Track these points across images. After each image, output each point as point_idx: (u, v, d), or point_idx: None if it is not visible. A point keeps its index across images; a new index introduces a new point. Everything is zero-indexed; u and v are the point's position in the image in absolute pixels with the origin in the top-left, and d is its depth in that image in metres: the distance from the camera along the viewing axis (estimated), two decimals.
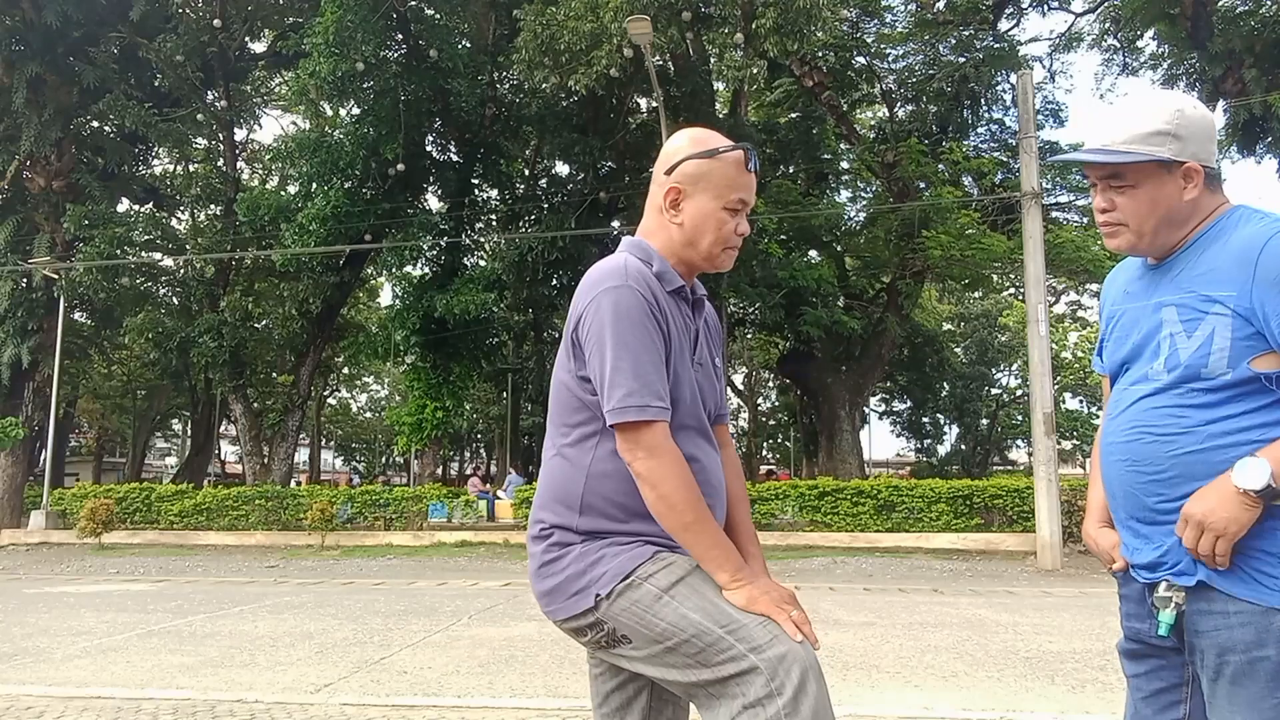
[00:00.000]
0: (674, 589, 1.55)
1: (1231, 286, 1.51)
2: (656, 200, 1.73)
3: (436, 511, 17.21)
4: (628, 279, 1.60)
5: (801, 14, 13.63)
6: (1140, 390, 1.62)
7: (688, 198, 1.69)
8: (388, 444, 46.69)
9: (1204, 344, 1.52)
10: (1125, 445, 1.63)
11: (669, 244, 1.71)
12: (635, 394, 1.54)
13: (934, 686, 4.88)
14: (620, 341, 1.56)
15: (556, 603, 1.63)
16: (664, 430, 1.55)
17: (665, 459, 1.54)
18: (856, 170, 24.17)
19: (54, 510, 18.72)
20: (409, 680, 5.11)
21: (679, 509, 1.53)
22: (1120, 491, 1.66)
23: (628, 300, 1.58)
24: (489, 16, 19.13)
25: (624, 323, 1.56)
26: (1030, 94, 13.97)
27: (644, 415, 1.53)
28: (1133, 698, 1.73)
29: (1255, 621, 1.46)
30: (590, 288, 1.63)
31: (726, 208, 1.69)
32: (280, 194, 20.91)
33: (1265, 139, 19.83)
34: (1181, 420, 1.54)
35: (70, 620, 7.75)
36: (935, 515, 14.75)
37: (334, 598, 9.23)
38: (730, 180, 1.68)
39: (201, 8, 21.73)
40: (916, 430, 38.06)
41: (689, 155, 1.69)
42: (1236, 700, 1.48)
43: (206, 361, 20.31)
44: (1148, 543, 1.61)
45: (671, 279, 1.68)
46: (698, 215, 1.68)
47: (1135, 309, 1.68)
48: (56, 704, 4.55)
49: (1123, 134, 1.57)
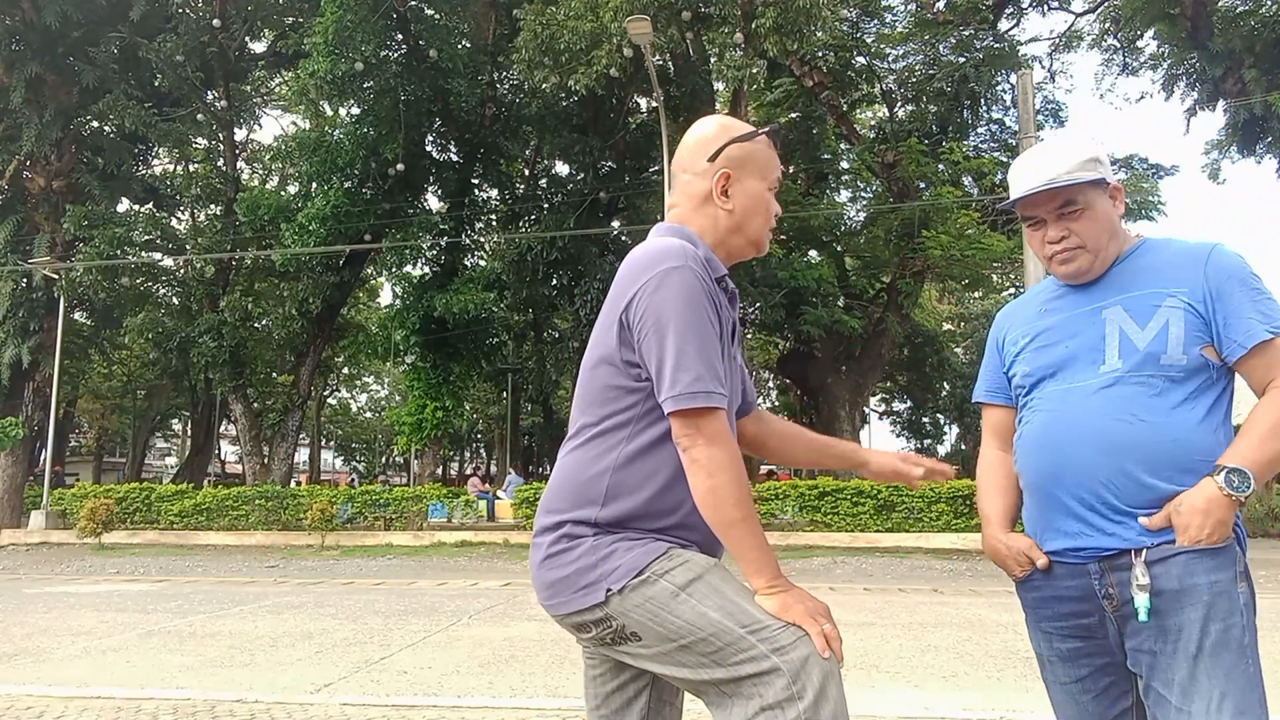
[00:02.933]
0: (691, 586, 1.51)
1: (1183, 284, 1.66)
2: (698, 189, 1.69)
3: (436, 511, 17.21)
4: (688, 260, 1.54)
5: (801, 14, 13.64)
6: (1093, 384, 1.68)
7: (736, 182, 1.68)
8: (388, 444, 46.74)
9: (1160, 332, 1.64)
10: (1089, 431, 1.66)
11: (714, 231, 1.68)
12: (702, 379, 1.48)
13: (934, 686, 4.88)
14: (685, 324, 1.50)
15: (562, 595, 1.58)
16: (725, 419, 1.51)
17: (725, 450, 1.49)
18: (856, 170, 24.17)
19: (54, 510, 18.72)
20: (409, 680, 5.11)
21: (729, 503, 1.48)
22: (1075, 475, 1.67)
23: (690, 282, 1.52)
24: (489, 16, 19.13)
25: (687, 305, 1.50)
26: (1030, 94, 13.98)
27: (710, 402, 1.48)
28: (1078, 700, 1.75)
29: (1229, 590, 1.57)
30: (645, 268, 1.55)
31: (770, 188, 1.71)
32: (280, 194, 20.92)
33: (1265, 139, 19.82)
34: (1159, 403, 1.63)
35: (70, 620, 7.75)
36: (935, 515, 14.75)
37: (334, 598, 9.23)
38: (769, 160, 1.71)
39: (201, 8, 21.73)
40: (916, 430, 38.07)
41: (730, 139, 1.68)
42: (1216, 671, 1.54)
43: (206, 361, 20.31)
44: (1103, 526, 1.64)
45: (718, 267, 1.65)
46: (748, 199, 1.68)
47: (1067, 319, 1.76)
48: (56, 704, 4.55)
49: (1064, 167, 1.72)
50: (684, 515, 1.58)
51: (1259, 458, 1.56)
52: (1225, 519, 1.55)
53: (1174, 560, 1.58)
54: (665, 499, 1.57)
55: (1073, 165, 1.72)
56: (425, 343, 19.14)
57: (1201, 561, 1.57)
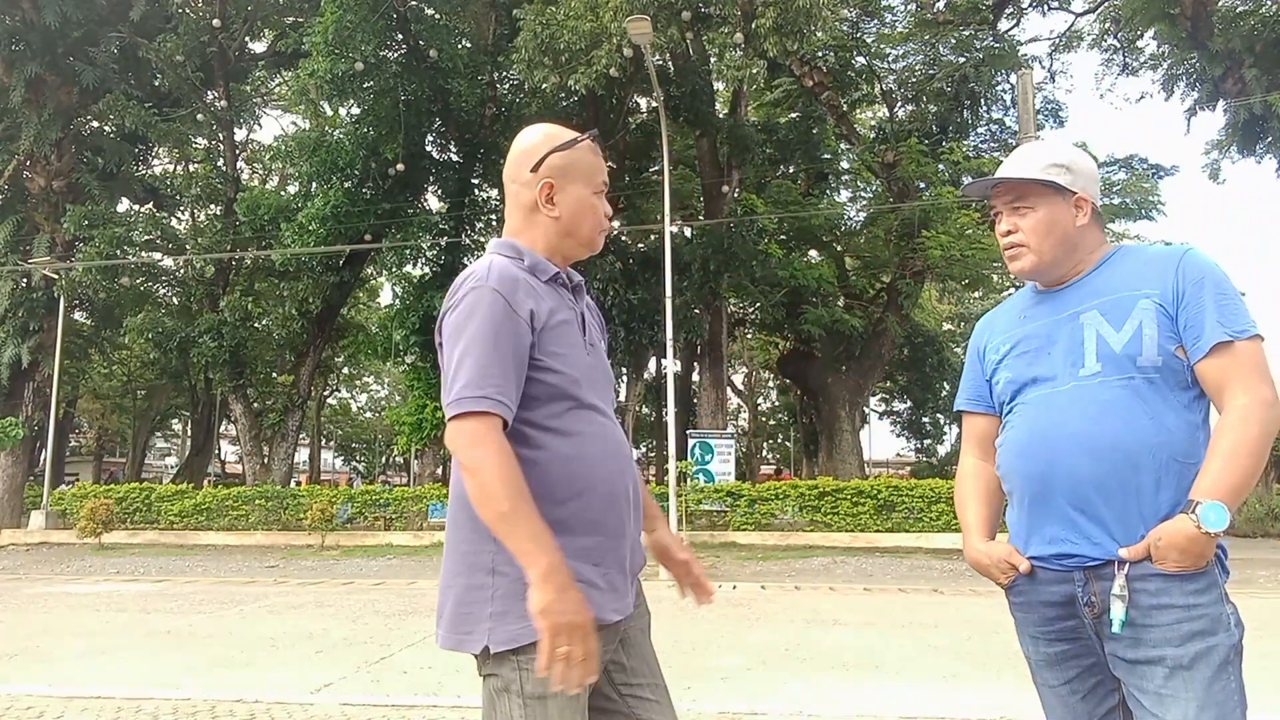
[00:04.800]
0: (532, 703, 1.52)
1: (1155, 286, 1.68)
2: (525, 199, 1.73)
3: (436, 511, 17.20)
4: (488, 279, 1.60)
5: (801, 14, 13.62)
6: (1074, 388, 1.70)
7: (560, 190, 1.72)
8: (388, 444, 46.69)
9: (1135, 333, 1.66)
10: (1075, 433, 1.67)
11: (545, 238, 1.73)
12: (469, 385, 1.53)
13: (934, 686, 4.89)
14: (468, 338, 1.56)
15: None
16: (494, 424, 1.52)
17: (489, 449, 1.50)
18: (856, 170, 24.17)
19: (54, 510, 18.72)
20: (409, 680, 5.11)
21: (496, 497, 1.48)
22: (1065, 479, 1.67)
23: (485, 300, 1.58)
24: (489, 16, 19.11)
25: (474, 321, 1.57)
26: (1030, 94, 13.97)
27: (478, 406, 1.51)
28: (1067, 701, 1.75)
29: (1210, 612, 1.58)
30: (452, 292, 1.65)
31: (595, 192, 1.75)
32: (280, 194, 20.92)
33: (1265, 139, 19.82)
34: (1137, 405, 1.64)
35: (70, 620, 7.75)
36: (935, 515, 14.74)
37: (334, 598, 9.23)
38: (593, 165, 1.75)
39: (201, 8, 21.72)
40: (916, 430, 38.02)
41: (550, 149, 1.72)
42: (1192, 688, 1.56)
43: (206, 361, 20.30)
44: (1090, 534, 1.65)
45: (545, 268, 1.70)
46: (574, 204, 1.73)
47: (1046, 325, 1.78)
48: (56, 704, 4.56)
49: (1026, 164, 1.80)
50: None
51: (1230, 483, 1.55)
52: (1205, 553, 1.57)
53: (1153, 579, 1.60)
54: None
55: (1036, 166, 1.79)
56: (425, 343, 19.11)
57: (1180, 584, 1.58)
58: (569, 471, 1.59)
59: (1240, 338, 1.62)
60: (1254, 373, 1.61)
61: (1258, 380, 1.61)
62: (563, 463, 1.59)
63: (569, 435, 1.61)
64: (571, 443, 1.61)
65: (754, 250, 18.52)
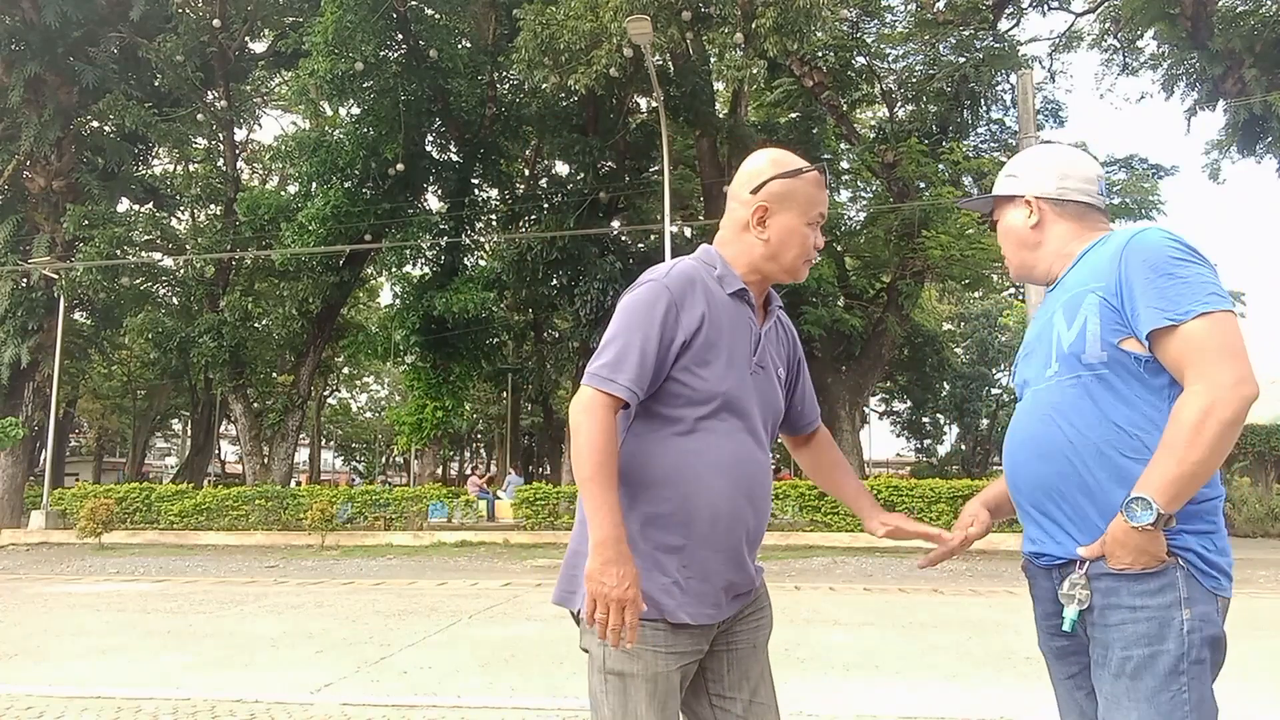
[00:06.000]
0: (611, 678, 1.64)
1: (1102, 278, 1.65)
2: (740, 217, 1.81)
3: (436, 511, 17.21)
4: (666, 277, 1.71)
5: (801, 14, 13.62)
6: (1039, 390, 1.74)
7: (773, 215, 1.79)
8: (388, 444, 46.70)
9: (1080, 331, 1.66)
10: (1028, 437, 1.73)
11: (748, 256, 1.81)
12: (608, 366, 1.65)
13: (934, 686, 4.88)
14: (625, 323, 1.68)
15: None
16: (611, 404, 1.64)
17: (597, 422, 1.62)
18: (856, 170, 24.14)
19: (54, 510, 18.71)
20: (409, 680, 5.11)
21: (583, 463, 1.60)
22: (1025, 482, 1.73)
23: (654, 294, 1.69)
24: (489, 16, 19.11)
25: (637, 309, 1.68)
26: (1030, 94, 13.97)
27: (604, 386, 1.64)
28: (1072, 697, 1.77)
29: (1159, 616, 1.55)
30: (637, 279, 1.77)
31: (809, 223, 1.81)
32: (280, 194, 20.91)
33: (1265, 139, 19.82)
34: (1078, 407, 1.64)
35: (70, 620, 7.75)
36: (935, 515, 14.74)
37: (334, 598, 9.23)
38: (811, 198, 1.80)
39: (201, 8, 21.71)
40: (916, 430, 38.07)
41: (774, 175, 1.79)
42: (1135, 694, 1.55)
43: (206, 361, 20.30)
44: (1054, 534, 1.68)
45: (733, 282, 1.78)
46: (783, 231, 1.79)
47: (1038, 326, 1.82)
48: (56, 704, 4.56)
49: (996, 182, 1.92)
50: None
51: (1165, 476, 1.50)
52: (1145, 548, 1.53)
53: (1104, 578, 1.59)
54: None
55: (999, 181, 1.90)
56: (425, 343, 19.13)
57: (1128, 585, 1.56)
58: (682, 471, 1.67)
59: (1184, 319, 1.53)
60: (1207, 355, 1.52)
61: (1213, 362, 1.51)
62: (679, 460, 1.67)
63: (694, 438, 1.68)
64: (694, 445, 1.68)
65: None
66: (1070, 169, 1.84)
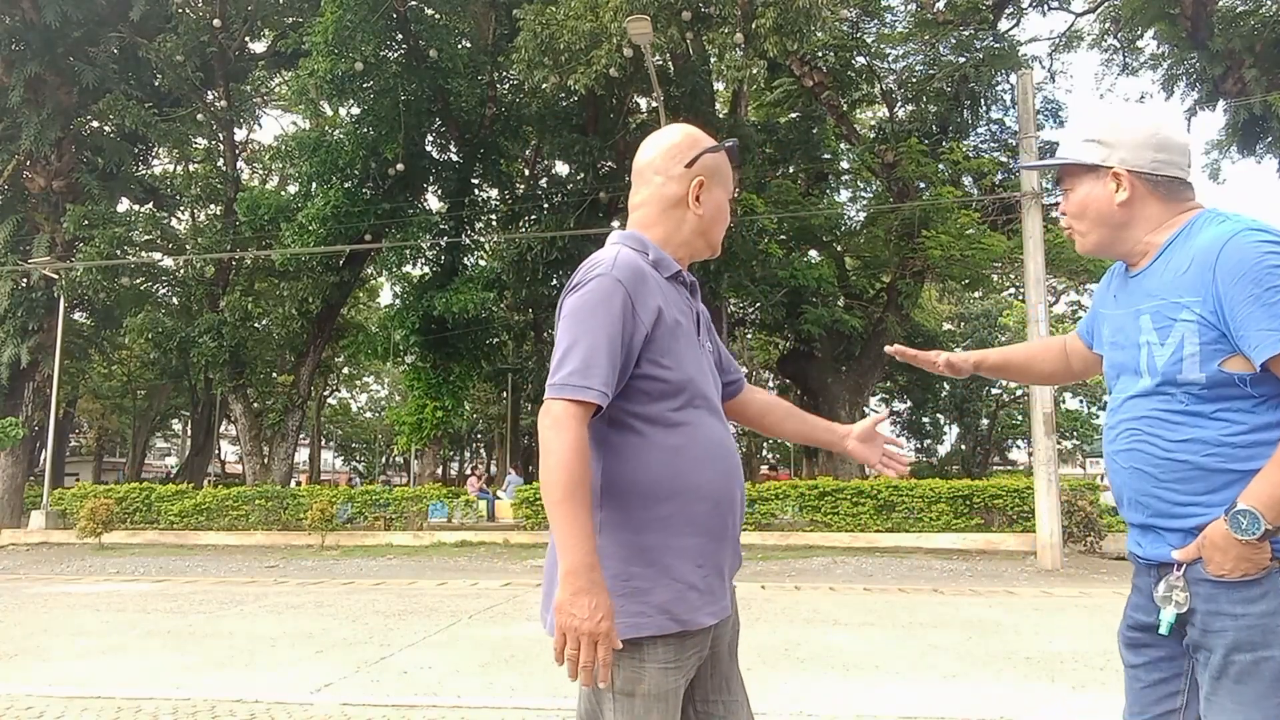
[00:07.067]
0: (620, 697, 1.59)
1: (1195, 292, 1.55)
2: (671, 193, 1.75)
3: (436, 511, 17.20)
4: (613, 269, 1.61)
5: (801, 14, 13.62)
6: (1129, 395, 1.69)
7: (707, 189, 1.76)
8: (388, 444, 46.69)
9: (1175, 350, 1.57)
10: (1126, 452, 1.69)
11: (679, 234, 1.76)
12: (576, 374, 1.54)
13: (934, 686, 4.88)
14: (583, 325, 1.58)
15: None
16: (583, 414, 1.54)
17: (571, 438, 1.52)
18: (856, 170, 24.15)
19: (54, 510, 18.71)
20: (409, 680, 5.11)
21: (553, 485, 1.50)
22: (1127, 496, 1.71)
23: (605, 289, 1.59)
24: (489, 16, 19.11)
25: (591, 309, 1.58)
26: (1030, 94, 13.96)
27: (577, 395, 1.53)
28: (1131, 687, 1.76)
29: (1264, 623, 1.51)
30: (576, 274, 1.66)
31: (730, 199, 1.83)
32: (280, 194, 20.90)
33: (1265, 139, 19.83)
34: (1173, 425, 1.60)
35: (70, 620, 7.75)
36: (935, 515, 14.74)
37: (334, 598, 9.23)
38: (729, 172, 1.82)
39: (201, 8, 21.71)
40: (916, 430, 38.05)
41: (704, 150, 1.76)
42: (1240, 699, 1.52)
43: (206, 361, 20.29)
44: (1159, 540, 1.65)
45: (669, 265, 1.73)
46: (714, 206, 1.78)
47: (1119, 315, 1.74)
48: (56, 704, 4.56)
49: (1065, 141, 1.75)
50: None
51: (1268, 492, 1.48)
52: (1246, 556, 1.50)
53: (1203, 584, 1.57)
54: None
55: (1071, 143, 1.73)
56: (425, 343, 19.13)
57: (1228, 592, 1.54)
58: (674, 469, 1.62)
59: None
60: None
61: None
62: (669, 459, 1.62)
63: (677, 433, 1.63)
64: (678, 440, 1.63)
65: (754, 250, 18.50)
66: (1168, 140, 1.68)
